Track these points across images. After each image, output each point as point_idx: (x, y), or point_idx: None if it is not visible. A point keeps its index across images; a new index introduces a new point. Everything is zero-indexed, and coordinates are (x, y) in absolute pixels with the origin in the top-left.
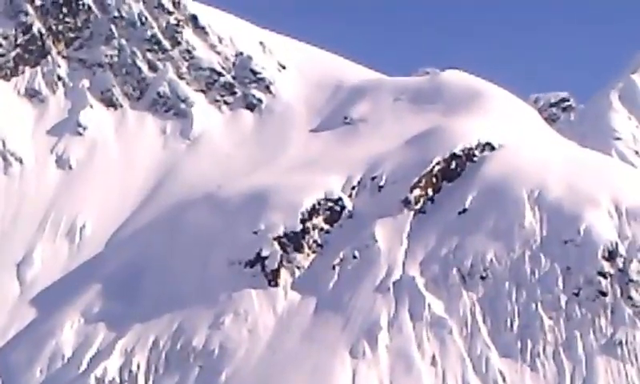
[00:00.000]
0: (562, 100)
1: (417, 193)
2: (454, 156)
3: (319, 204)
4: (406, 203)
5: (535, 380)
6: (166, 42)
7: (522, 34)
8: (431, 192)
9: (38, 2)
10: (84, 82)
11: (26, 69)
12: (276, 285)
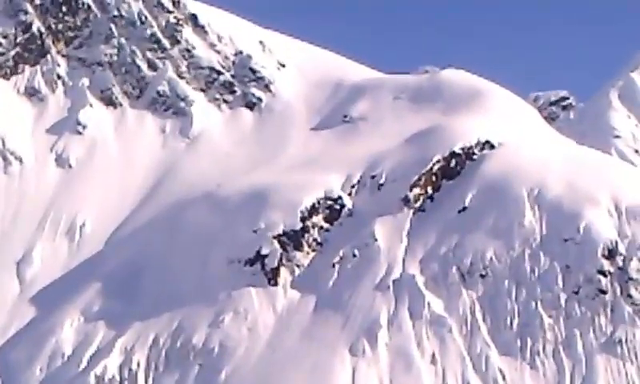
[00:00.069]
0: (562, 98)
1: (416, 191)
2: (453, 154)
3: (319, 202)
4: (406, 202)
5: (535, 378)
6: (165, 41)
7: (521, 32)
8: (431, 190)
9: (37, 0)
10: (83, 81)
11: (26, 68)
12: (276, 283)
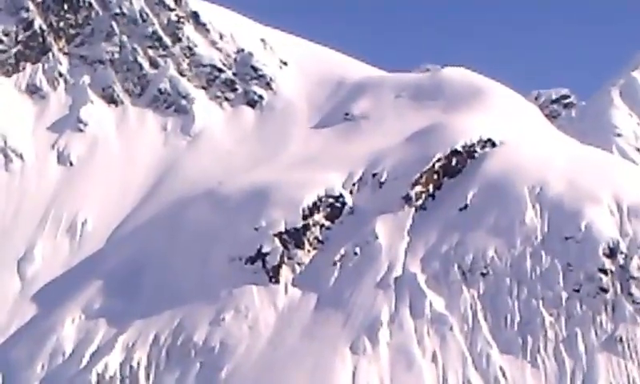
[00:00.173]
0: (563, 97)
1: (418, 189)
2: (454, 152)
3: (320, 200)
4: (407, 199)
5: (536, 376)
6: (167, 39)
7: (523, 31)
8: (432, 188)
9: None
10: (85, 79)
11: (27, 65)
12: (277, 281)
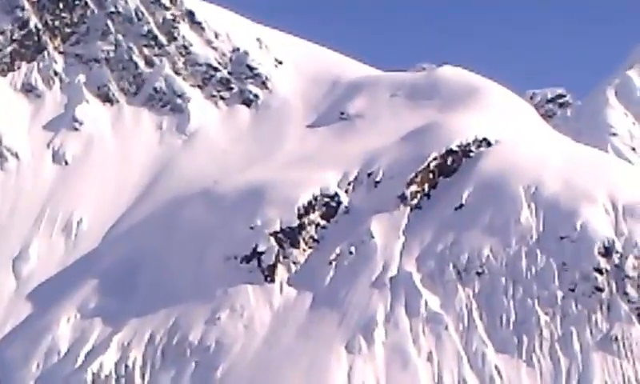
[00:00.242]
0: (559, 96)
1: (413, 188)
2: (450, 152)
3: (315, 199)
4: (403, 199)
5: (531, 376)
6: (162, 38)
7: (518, 30)
8: (427, 188)
9: None
10: (80, 77)
11: (23, 64)
12: (272, 280)
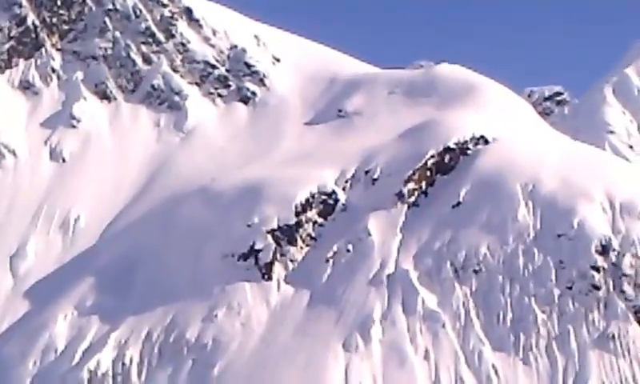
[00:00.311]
0: (556, 94)
1: (411, 186)
2: (447, 149)
3: (313, 197)
4: (400, 196)
5: (528, 374)
6: (160, 35)
7: (516, 29)
8: (425, 185)
9: None
10: (78, 75)
11: (20, 61)
12: (269, 278)
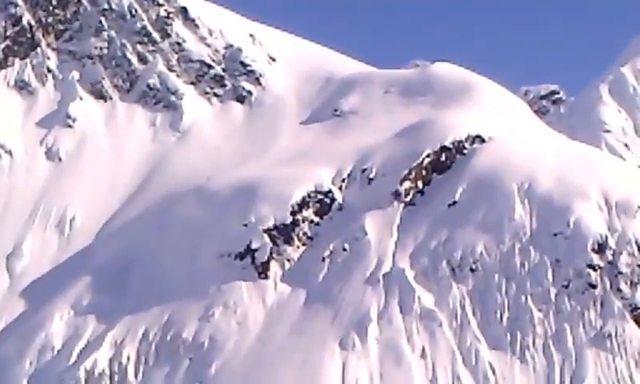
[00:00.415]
0: (552, 93)
1: (407, 185)
2: (444, 148)
3: (309, 196)
4: (396, 195)
5: (525, 372)
6: (155, 35)
7: (512, 27)
8: (421, 184)
9: None
10: (74, 74)
11: (16, 61)
12: (266, 277)
